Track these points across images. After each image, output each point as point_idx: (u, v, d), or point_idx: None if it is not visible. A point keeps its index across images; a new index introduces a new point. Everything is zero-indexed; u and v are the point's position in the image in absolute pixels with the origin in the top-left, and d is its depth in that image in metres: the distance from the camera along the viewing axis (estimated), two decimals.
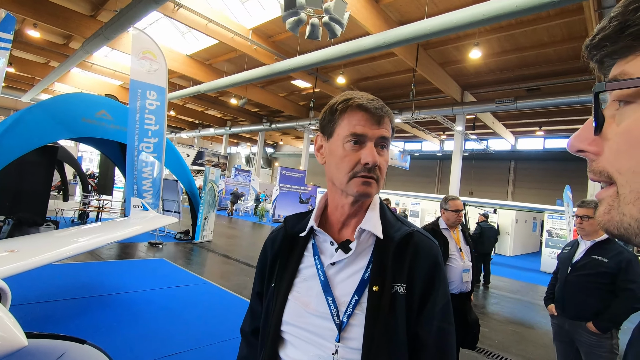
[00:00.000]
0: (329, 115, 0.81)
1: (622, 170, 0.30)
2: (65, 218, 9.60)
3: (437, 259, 0.79)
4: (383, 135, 0.77)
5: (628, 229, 0.30)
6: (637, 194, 0.29)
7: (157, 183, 7.48)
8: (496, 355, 3.85)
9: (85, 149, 27.60)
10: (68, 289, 4.43)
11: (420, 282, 0.76)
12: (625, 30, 0.30)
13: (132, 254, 6.96)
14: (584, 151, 0.34)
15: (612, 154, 0.31)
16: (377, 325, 0.71)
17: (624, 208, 0.30)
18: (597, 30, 0.33)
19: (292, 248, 0.86)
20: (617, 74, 0.31)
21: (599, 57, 0.33)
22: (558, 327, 2.58)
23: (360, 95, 0.79)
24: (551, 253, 10.59)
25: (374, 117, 0.77)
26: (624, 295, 2.23)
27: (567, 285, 2.45)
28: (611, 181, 0.31)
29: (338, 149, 0.78)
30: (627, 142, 0.30)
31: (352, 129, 0.76)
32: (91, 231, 3.40)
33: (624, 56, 0.31)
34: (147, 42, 7.37)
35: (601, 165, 0.32)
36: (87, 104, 7.44)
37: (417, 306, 0.75)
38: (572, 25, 8.65)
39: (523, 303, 6.64)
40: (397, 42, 7.77)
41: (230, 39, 11.02)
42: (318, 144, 0.85)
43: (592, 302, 2.33)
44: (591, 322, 2.29)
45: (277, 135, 28.16)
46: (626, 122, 0.30)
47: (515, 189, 20.71)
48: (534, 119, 16.47)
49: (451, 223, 2.90)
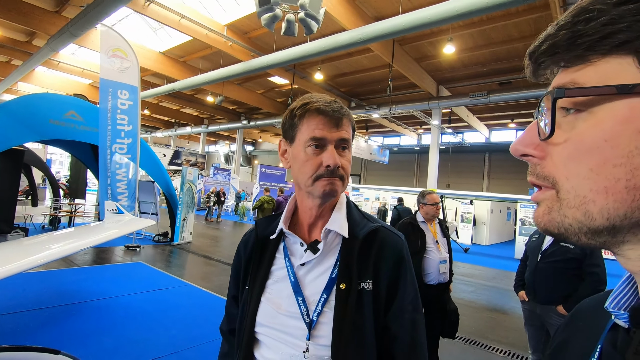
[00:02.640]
0: (289, 121, 0.82)
1: (570, 176, 0.31)
2: (35, 224, 9.20)
3: (402, 252, 0.82)
4: (342, 137, 0.79)
5: (569, 229, 0.32)
6: (584, 198, 0.30)
7: (133, 185, 7.28)
8: (473, 342, 3.99)
9: (55, 152, 26.49)
10: (40, 298, 4.26)
11: (386, 277, 0.79)
12: (576, 40, 0.31)
13: (108, 259, 6.76)
14: (529, 155, 0.35)
15: (561, 160, 0.32)
16: (345, 322, 0.74)
17: (567, 211, 0.31)
18: (544, 37, 0.34)
19: (264, 251, 0.87)
20: (567, 82, 0.32)
21: (547, 63, 0.34)
22: (529, 312, 2.71)
23: (318, 99, 0.80)
24: (524, 241, 10.99)
25: (332, 120, 0.78)
26: (589, 279, 2.40)
27: (538, 272, 2.58)
28: (553, 185, 0.33)
29: (300, 153, 0.80)
30: (578, 149, 0.31)
31: (311, 133, 0.78)
32: (64, 237, 3.28)
33: (574, 65, 0.32)
34: (117, 39, 7.12)
35: (547, 170, 0.33)
36: (55, 104, 7.12)
37: (384, 300, 0.79)
38: (540, 21, 8.97)
39: (498, 290, 6.89)
40: (373, 37, 7.83)
41: (204, 35, 10.78)
42: (282, 148, 0.87)
43: (561, 286, 2.47)
44: (561, 305, 2.43)
45: (256, 133, 27.85)
46: (577, 130, 0.31)
47: (490, 180, 21.39)
48: (506, 112, 17.00)
49: (430, 216, 3.02)
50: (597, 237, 0.31)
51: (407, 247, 0.86)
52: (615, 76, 0.29)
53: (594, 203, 0.30)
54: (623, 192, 0.28)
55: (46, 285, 4.77)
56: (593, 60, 0.31)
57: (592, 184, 0.30)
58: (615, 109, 0.29)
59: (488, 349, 3.84)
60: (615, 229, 0.30)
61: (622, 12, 0.28)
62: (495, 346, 3.91)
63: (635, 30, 0.28)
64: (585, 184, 0.30)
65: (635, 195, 0.28)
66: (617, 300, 0.35)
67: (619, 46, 0.29)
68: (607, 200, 0.29)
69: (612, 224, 0.30)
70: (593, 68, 0.31)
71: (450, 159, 21.02)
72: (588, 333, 0.42)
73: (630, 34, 0.28)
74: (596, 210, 0.30)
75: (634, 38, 0.28)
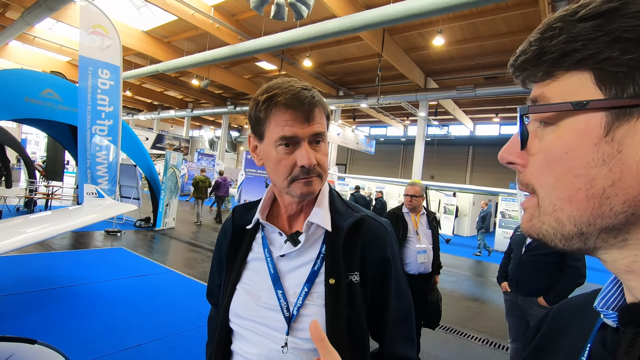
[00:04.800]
0: (255, 115, 0.74)
1: (542, 184, 0.33)
2: (10, 206, 8.87)
3: (386, 240, 0.81)
4: (316, 131, 0.72)
5: (546, 235, 0.34)
6: (554, 206, 0.32)
7: (114, 168, 7.07)
8: (454, 331, 4.10)
9: (30, 131, 25.47)
10: (14, 283, 4.11)
11: (373, 267, 0.78)
12: (542, 56, 0.33)
13: (88, 244, 6.59)
14: (513, 163, 0.37)
15: (535, 169, 0.34)
16: (339, 317, 0.72)
17: (544, 217, 0.34)
18: (519, 51, 0.35)
19: (241, 239, 0.85)
20: (537, 96, 0.34)
21: (521, 77, 0.36)
22: (511, 303, 2.79)
23: (285, 89, 0.71)
24: (504, 233, 11.34)
25: (302, 114, 0.71)
26: (570, 272, 2.48)
27: (522, 265, 2.66)
28: (533, 192, 0.35)
29: (271, 152, 0.73)
30: (546, 159, 0.33)
31: (280, 132, 0.70)
32: (40, 220, 3.16)
33: (543, 80, 0.34)
34: (98, 15, 6.79)
35: (527, 179, 0.35)
36: (30, 81, 6.79)
37: (372, 289, 0.78)
38: (528, 16, 9.04)
39: (478, 280, 7.08)
40: (363, 26, 7.75)
41: (190, 15, 10.40)
42: (252, 144, 0.80)
43: (543, 279, 2.56)
44: (542, 297, 2.52)
45: (242, 119, 27.42)
46: (545, 142, 0.33)
47: (473, 172, 21.81)
48: (491, 106, 17.25)
49: (407, 207, 3.10)
50: (570, 242, 0.33)
51: (393, 232, 0.85)
52: (574, 92, 0.31)
53: (562, 211, 0.32)
54: (584, 201, 0.30)
55: (21, 269, 4.61)
56: (557, 76, 0.33)
57: (558, 192, 0.32)
58: (573, 123, 0.31)
59: (468, 338, 3.95)
60: (583, 235, 0.32)
61: (579, 30, 0.30)
62: (475, 335, 4.04)
63: (590, 48, 0.30)
64: (554, 193, 0.32)
65: (594, 204, 0.30)
66: (605, 299, 0.36)
67: (577, 63, 0.31)
68: (571, 208, 0.31)
69: (580, 230, 0.31)
70: (558, 83, 0.33)
71: (436, 151, 21.28)
72: (577, 333, 0.42)
73: (585, 52, 0.30)
74: (564, 217, 0.32)
75: (589, 56, 0.30)
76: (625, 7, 0.29)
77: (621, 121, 0.29)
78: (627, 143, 0.28)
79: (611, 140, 0.29)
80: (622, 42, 0.28)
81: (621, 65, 0.28)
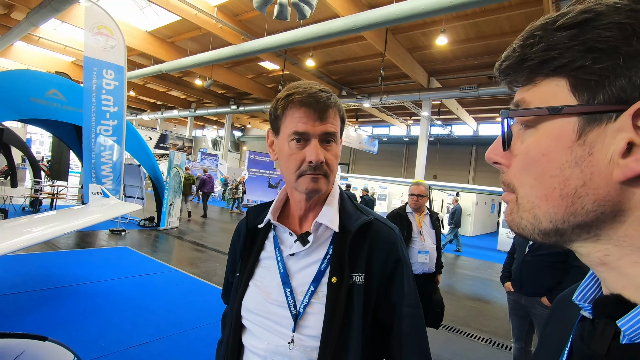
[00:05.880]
0: (274, 112, 0.79)
1: (522, 184, 0.36)
2: (15, 206, 8.94)
3: (395, 245, 0.81)
4: (327, 130, 0.75)
5: (525, 229, 0.36)
6: (532, 204, 0.35)
7: (118, 168, 7.12)
8: (457, 330, 4.11)
9: (35, 131, 25.62)
10: (22, 281, 4.16)
11: (379, 270, 0.79)
12: (523, 62, 0.35)
13: (93, 243, 6.64)
14: (498, 163, 0.39)
15: (517, 169, 0.36)
16: (336, 316, 0.73)
17: (523, 214, 0.36)
18: (503, 57, 0.37)
19: (255, 238, 0.88)
20: (519, 100, 0.36)
21: (506, 81, 0.38)
22: (514, 302, 2.79)
23: (303, 89, 0.75)
24: (507, 233, 11.31)
25: (316, 112, 0.74)
26: (573, 272, 2.48)
27: (525, 265, 2.66)
28: (513, 191, 0.37)
29: (284, 147, 0.77)
30: (526, 161, 0.35)
31: (294, 127, 0.75)
32: (46, 220, 3.19)
33: (524, 84, 0.36)
34: (102, 15, 6.83)
35: (509, 178, 0.37)
36: (36, 82, 6.84)
37: (377, 293, 0.78)
38: (532, 15, 8.99)
39: (481, 280, 7.07)
40: (367, 25, 7.74)
41: (193, 15, 10.43)
42: (269, 139, 0.84)
43: (546, 279, 2.55)
44: (545, 296, 2.52)
45: (244, 118, 27.43)
46: (526, 144, 0.35)
47: (477, 172, 21.72)
48: (494, 106, 17.17)
49: (412, 207, 3.10)
50: (547, 237, 0.35)
51: (402, 238, 0.85)
52: (552, 97, 0.33)
53: (539, 208, 0.34)
54: (559, 200, 0.33)
55: (27, 268, 4.66)
56: (537, 82, 0.35)
57: (536, 191, 0.34)
58: (550, 127, 0.33)
59: (471, 337, 3.95)
60: (559, 231, 0.34)
61: (557, 39, 0.32)
62: (478, 334, 4.04)
63: (566, 56, 0.32)
64: (532, 192, 0.35)
65: (567, 202, 0.32)
66: (583, 293, 0.38)
67: (555, 70, 0.33)
68: (547, 206, 0.33)
69: (556, 227, 0.34)
70: (537, 89, 0.35)
71: (438, 150, 21.21)
72: (566, 324, 0.45)
73: (562, 60, 0.32)
74: (541, 214, 0.34)
75: (565, 64, 0.32)
76: (599, 19, 0.30)
77: (592, 126, 0.31)
78: (597, 147, 0.31)
79: (583, 143, 0.31)
80: (594, 52, 0.30)
81: (593, 74, 0.30)
